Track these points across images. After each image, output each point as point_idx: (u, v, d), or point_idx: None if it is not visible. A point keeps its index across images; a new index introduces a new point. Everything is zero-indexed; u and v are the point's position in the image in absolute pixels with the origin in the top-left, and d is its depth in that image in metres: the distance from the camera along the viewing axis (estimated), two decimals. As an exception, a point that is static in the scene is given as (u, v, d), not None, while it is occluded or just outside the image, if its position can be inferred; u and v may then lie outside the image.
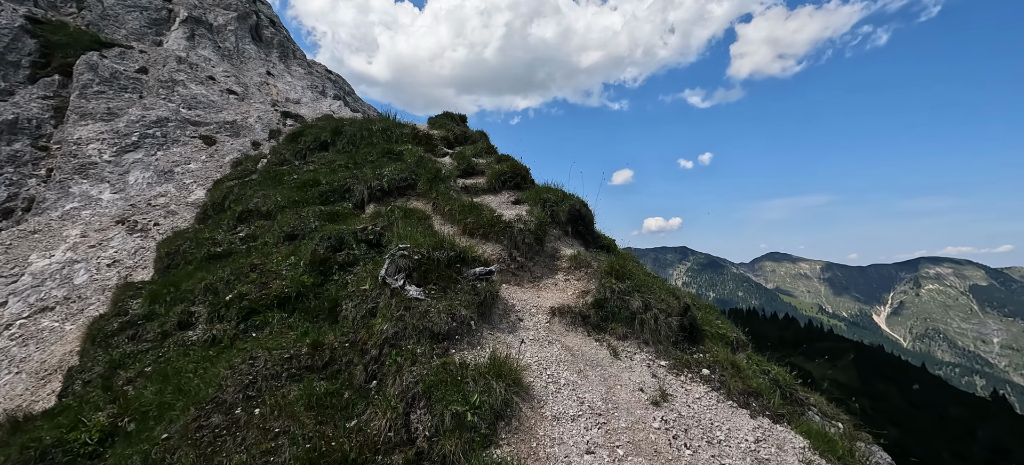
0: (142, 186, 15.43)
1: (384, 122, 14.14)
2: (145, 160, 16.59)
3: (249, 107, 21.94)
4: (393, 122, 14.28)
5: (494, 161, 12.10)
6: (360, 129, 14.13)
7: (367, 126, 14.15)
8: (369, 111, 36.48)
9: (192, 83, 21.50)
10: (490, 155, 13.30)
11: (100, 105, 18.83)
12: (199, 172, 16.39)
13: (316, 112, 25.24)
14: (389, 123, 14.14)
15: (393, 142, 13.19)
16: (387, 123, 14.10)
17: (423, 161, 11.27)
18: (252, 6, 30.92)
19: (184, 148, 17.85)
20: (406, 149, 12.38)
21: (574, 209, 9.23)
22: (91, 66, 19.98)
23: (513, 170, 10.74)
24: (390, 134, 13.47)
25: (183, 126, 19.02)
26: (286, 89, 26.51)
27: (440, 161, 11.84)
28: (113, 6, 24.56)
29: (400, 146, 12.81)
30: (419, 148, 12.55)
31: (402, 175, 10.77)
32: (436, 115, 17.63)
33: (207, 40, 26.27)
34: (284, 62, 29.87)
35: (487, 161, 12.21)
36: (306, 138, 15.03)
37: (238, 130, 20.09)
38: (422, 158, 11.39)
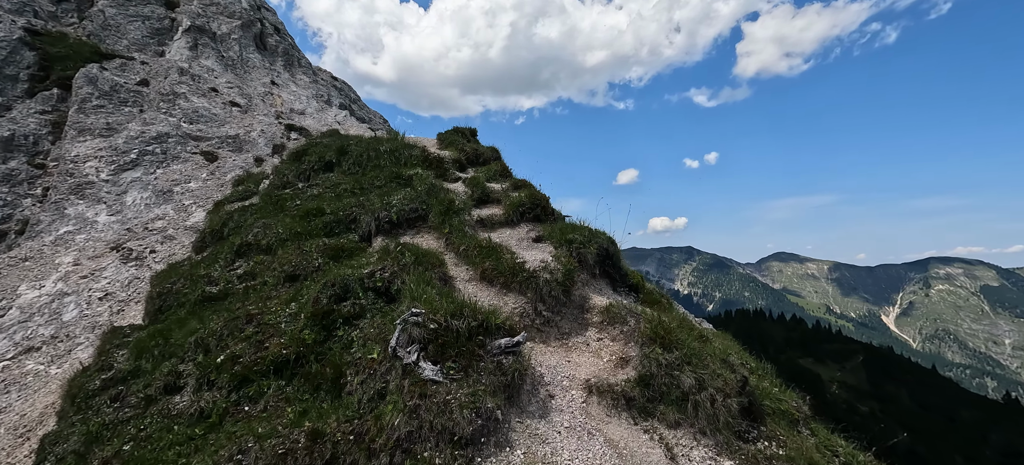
0: (140, 207, 14.76)
1: (392, 142, 13.37)
2: (144, 179, 15.93)
3: (252, 120, 21.27)
4: (402, 142, 13.49)
5: (510, 188, 11.27)
6: (367, 149, 13.37)
7: (374, 147, 13.38)
8: (375, 118, 35.83)
9: (194, 96, 20.85)
10: (505, 179, 12.48)
11: (99, 120, 18.22)
12: (199, 192, 15.70)
13: (321, 123, 24.56)
14: (398, 143, 13.35)
15: (402, 165, 12.41)
16: (395, 143, 13.32)
17: (434, 190, 10.46)
18: (256, 13, 30.32)
19: (184, 165, 17.18)
20: (416, 174, 11.59)
21: (603, 249, 8.38)
22: (90, 79, 19.38)
23: (532, 200, 9.91)
24: (399, 156, 12.69)
25: (184, 142, 18.36)
26: (291, 99, 25.84)
27: (452, 189, 11.03)
28: (114, 16, 24.00)
29: (409, 170, 12.02)
30: (429, 173, 11.75)
31: (412, 206, 9.97)
32: (446, 131, 16.84)
33: (210, 50, 25.65)
34: (289, 70, 29.23)
35: (503, 187, 11.38)
36: (310, 157, 14.29)
37: (240, 145, 19.41)
38: (433, 186, 10.58)
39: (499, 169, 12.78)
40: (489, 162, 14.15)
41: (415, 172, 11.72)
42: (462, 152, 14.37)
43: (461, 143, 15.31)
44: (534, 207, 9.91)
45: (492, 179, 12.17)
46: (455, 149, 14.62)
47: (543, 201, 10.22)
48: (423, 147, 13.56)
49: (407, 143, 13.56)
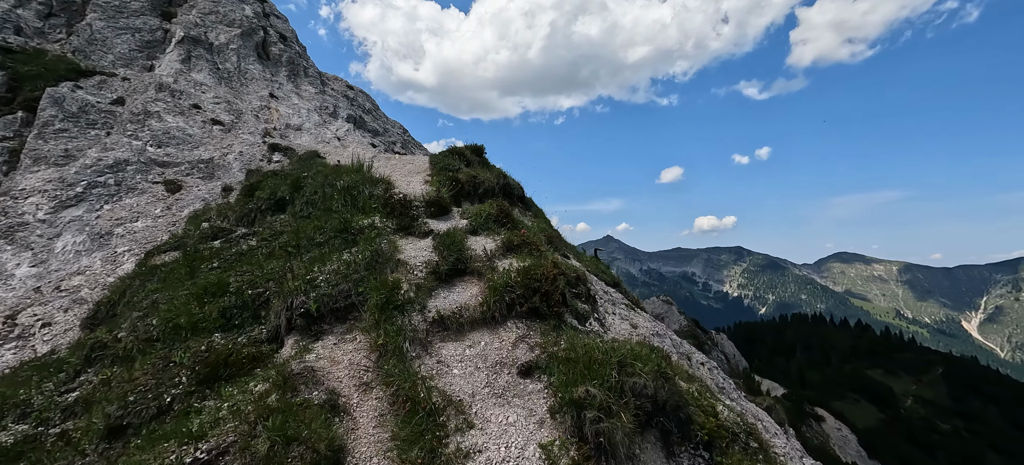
0: (68, 255, 12.08)
1: (351, 176, 9.85)
2: (84, 218, 13.32)
3: (234, 140, 18.57)
4: (362, 176, 9.95)
5: (502, 247, 7.37)
6: (322, 185, 9.94)
7: (331, 182, 9.93)
8: (392, 129, 32.92)
9: (170, 114, 18.40)
10: (501, 225, 8.59)
11: (58, 146, 15.97)
12: (143, 234, 12.89)
13: (317, 139, 21.68)
14: (357, 178, 9.82)
15: (357, 209, 8.83)
16: (354, 178, 9.79)
17: (379, 259, 6.76)
18: (261, 21, 28.10)
19: (138, 199, 14.52)
20: (368, 226, 7.94)
21: (652, 398, 4.33)
22: (56, 100, 17.27)
23: (530, 278, 5.96)
24: (355, 196, 9.14)
25: (146, 169, 15.78)
26: (288, 113, 23.16)
27: (409, 256, 7.25)
28: (102, 30, 22.18)
29: (363, 218, 8.40)
30: (388, 223, 8.09)
31: (340, 288, 6.31)
32: (443, 152, 13.20)
33: (204, 62, 23.42)
34: (293, 81, 26.73)
35: (494, 245, 7.51)
36: (262, 193, 11.06)
37: (213, 170, 16.66)
38: (379, 253, 6.86)
39: (496, 211, 8.92)
40: (487, 195, 10.33)
41: (368, 222, 8.08)
42: (452, 183, 10.62)
43: (454, 168, 11.58)
44: (532, 291, 5.97)
45: (482, 228, 8.35)
46: (444, 178, 10.90)
47: (549, 275, 6.25)
48: (387, 183, 9.90)
49: (370, 178, 9.97)
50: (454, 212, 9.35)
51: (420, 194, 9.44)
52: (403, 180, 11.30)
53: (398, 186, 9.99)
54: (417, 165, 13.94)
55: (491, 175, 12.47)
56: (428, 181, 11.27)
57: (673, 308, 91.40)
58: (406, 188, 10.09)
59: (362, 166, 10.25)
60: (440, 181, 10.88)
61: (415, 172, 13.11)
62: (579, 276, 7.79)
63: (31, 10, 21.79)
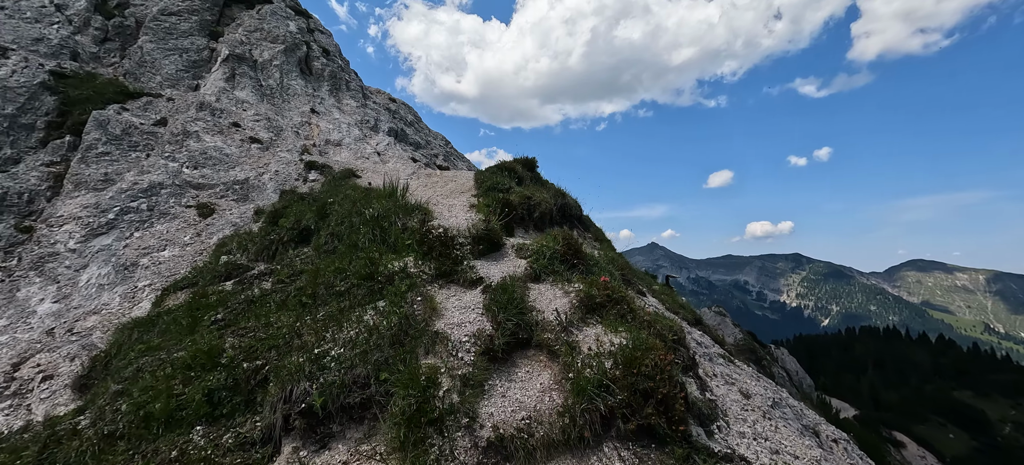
0: (91, 290, 11.20)
1: (382, 203, 8.13)
2: (113, 247, 12.52)
3: (271, 158, 17.67)
4: (395, 203, 8.19)
5: (580, 304, 5.28)
6: (349, 214, 8.31)
7: (360, 209, 8.23)
8: (434, 141, 31.75)
9: (208, 134, 17.78)
10: (572, 267, 6.49)
11: (99, 170, 15.56)
12: (168, 265, 11.86)
13: (357, 155, 20.55)
14: (389, 205, 8.07)
15: (387, 245, 7.05)
16: (385, 205, 8.05)
17: (409, 329, 4.84)
18: (305, 36, 27.77)
19: (170, 224, 13.66)
20: (398, 271, 6.09)
21: None
22: (100, 123, 17.02)
23: (650, 375, 3.82)
24: (386, 229, 7.38)
25: (180, 192, 15.01)
26: (329, 129, 22.28)
27: (452, 322, 5.25)
28: (152, 51, 22.27)
29: (395, 259, 6.58)
30: (425, 267, 6.19)
31: (357, 372, 4.47)
32: (490, 167, 11.36)
33: (247, 79, 23.05)
34: (335, 95, 26.03)
35: (568, 300, 5.44)
36: (285, 222, 9.62)
37: (247, 191, 15.71)
38: (408, 320, 4.96)
39: (562, 247, 6.83)
40: (544, 220, 8.30)
41: (400, 265, 6.24)
42: (502, 207, 8.66)
43: (504, 187, 9.65)
44: (642, 396, 3.81)
45: (545, 271, 6.32)
46: (492, 201, 8.97)
47: (662, 365, 4.06)
48: (425, 212, 8.05)
49: (403, 205, 8.14)
50: (507, 247, 7.36)
51: (464, 226, 7.51)
52: (444, 203, 9.47)
53: (438, 214, 8.16)
54: (460, 183, 12.13)
55: (547, 195, 10.42)
56: (473, 205, 9.37)
57: (727, 320, 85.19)
58: (447, 215, 8.23)
59: (395, 190, 8.50)
60: (488, 205, 8.95)
61: (458, 192, 11.28)
62: (679, 338, 5.56)
63: (88, 36, 22.22)
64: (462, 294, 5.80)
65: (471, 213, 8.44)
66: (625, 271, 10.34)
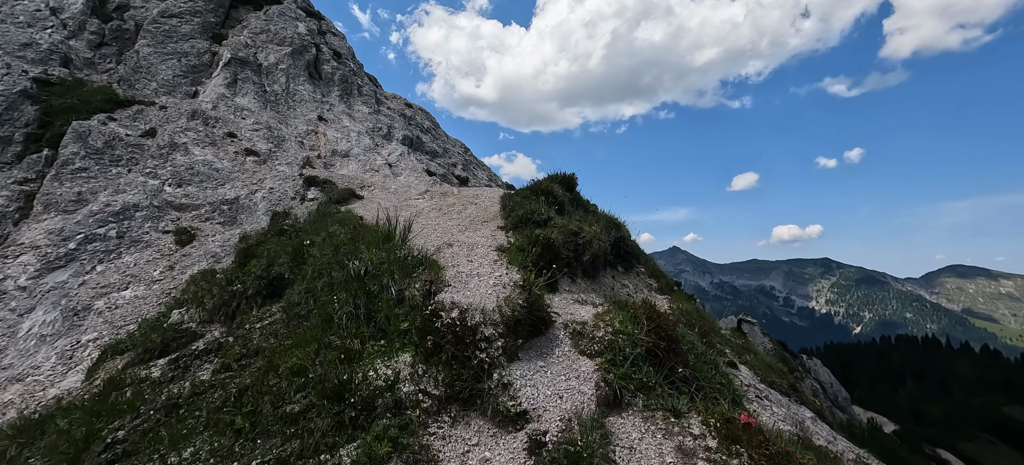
0: (30, 343, 9.11)
1: (374, 254, 5.63)
2: (67, 285, 10.47)
3: (267, 173, 15.56)
4: (391, 255, 5.65)
5: None
6: (330, 263, 5.83)
7: (343, 258, 5.76)
8: (452, 149, 29.46)
9: (199, 146, 15.78)
10: (671, 377, 3.85)
11: (72, 189, 13.68)
12: (126, 311, 9.71)
13: (366, 167, 18.32)
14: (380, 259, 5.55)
15: (374, 325, 4.56)
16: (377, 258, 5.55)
17: None
18: (315, 39, 25.86)
19: (140, 255, 11.58)
20: (384, 387, 3.59)
21: None
22: (80, 135, 15.20)
23: None
24: (374, 295, 4.88)
25: (159, 214, 12.97)
26: (337, 138, 20.16)
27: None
28: (148, 56, 20.57)
29: (381, 361, 4.09)
30: (429, 379, 3.72)
31: None
32: (521, 190, 8.83)
33: (251, 84, 21.16)
34: (345, 101, 23.98)
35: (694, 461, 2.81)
36: (255, 267, 7.28)
37: (236, 213, 13.58)
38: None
39: (652, 334, 4.22)
40: (596, 264, 5.75)
41: (387, 373, 3.77)
42: (541, 250, 6.10)
43: (540, 218, 7.14)
44: None
45: (634, 383, 3.71)
46: (527, 241, 6.44)
47: None
48: (432, 267, 5.51)
49: (400, 260, 5.56)
50: (557, 327, 4.79)
51: (491, 296, 4.93)
52: (460, 242, 6.97)
53: (450, 265, 5.68)
54: (482, 207, 9.63)
55: (597, 227, 7.85)
56: (501, 247, 6.83)
57: (756, 328, 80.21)
58: (465, 265, 5.72)
59: (392, 233, 6.03)
60: (521, 248, 6.40)
61: (479, 221, 8.77)
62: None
63: (83, 41, 20.68)
64: (492, 445, 3.28)
65: (499, 265, 5.92)
66: (703, 325, 7.65)
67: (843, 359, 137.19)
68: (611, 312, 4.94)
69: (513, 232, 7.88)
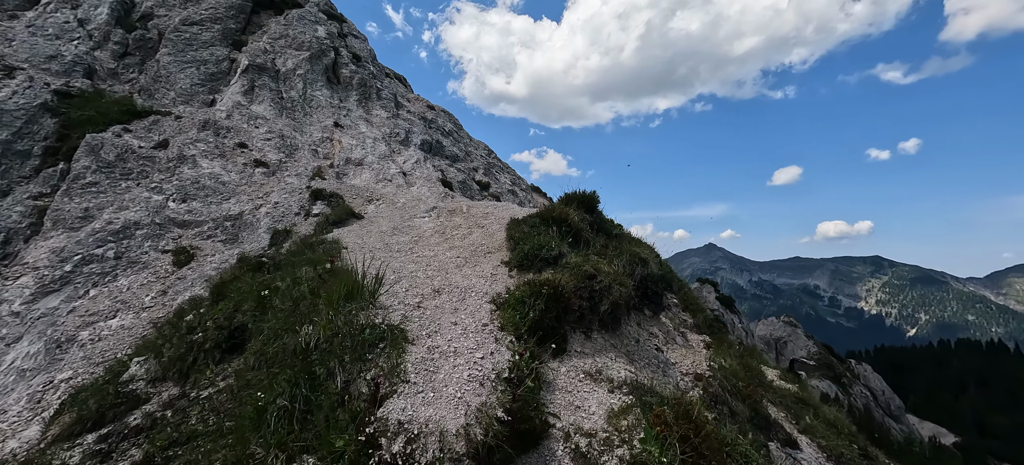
0: (9, 379, 8.62)
1: (329, 319, 4.47)
2: (58, 311, 10.00)
3: (275, 186, 14.91)
4: (348, 323, 4.45)
5: None
6: (283, 326, 4.71)
7: (296, 321, 4.64)
8: (474, 152, 28.39)
9: (207, 158, 15.32)
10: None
11: (80, 205, 13.42)
12: (109, 343, 9.09)
13: (380, 176, 17.46)
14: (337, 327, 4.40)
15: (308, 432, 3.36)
16: (330, 326, 4.38)
17: None
18: (335, 42, 25.32)
19: (135, 277, 11.04)
20: None
21: None
22: (92, 148, 15.01)
23: None
24: (317, 379, 3.70)
25: (160, 232, 12.47)
26: (351, 145, 19.44)
27: None
28: (168, 65, 20.48)
29: None
30: None
31: None
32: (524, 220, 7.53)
33: (267, 91, 20.75)
34: (363, 106, 23.29)
35: None
36: (219, 311, 6.32)
37: (238, 230, 12.94)
38: None
39: (679, 450, 2.89)
40: (622, 312, 4.50)
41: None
42: (549, 299, 4.81)
43: (550, 252, 5.87)
44: None
45: None
46: (530, 295, 5.16)
47: None
48: (397, 339, 4.24)
49: (361, 332, 4.34)
50: (556, 444, 3.44)
51: (464, 399, 3.63)
52: (449, 298, 5.74)
53: (421, 346, 4.40)
54: (488, 236, 8.40)
55: (619, 263, 6.49)
56: (498, 298, 5.58)
57: (798, 330, 75.12)
58: (441, 351, 4.44)
59: (361, 288, 4.80)
60: (522, 303, 5.12)
61: (482, 253, 7.55)
62: None
63: (107, 51, 20.81)
64: None
65: (488, 334, 4.65)
66: (750, 384, 6.16)
67: (896, 364, 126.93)
68: (631, 413, 3.62)
69: (517, 271, 6.61)
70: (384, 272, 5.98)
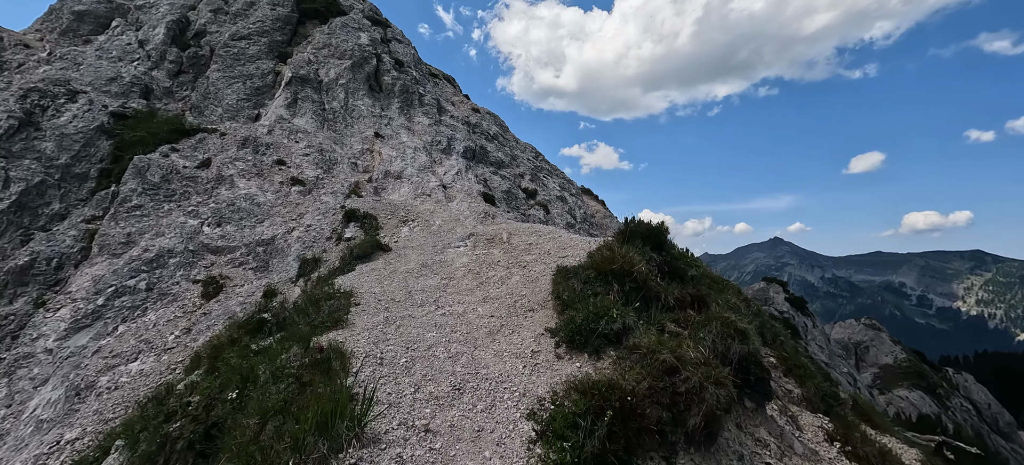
0: (28, 429, 8.20)
1: (307, 446, 3.08)
2: (85, 350, 9.62)
3: (310, 205, 14.18)
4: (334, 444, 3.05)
5: None
6: (249, 447, 3.34)
7: (261, 449, 3.28)
8: (520, 155, 26.83)
9: (244, 177, 14.89)
10: None
11: (123, 230, 13.35)
12: (125, 392, 8.47)
13: (418, 191, 16.35)
14: None
15: None
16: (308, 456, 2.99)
17: None
18: (377, 48, 24.69)
19: (164, 311, 10.53)
20: None
21: None
22: (139, 170, 15.04)
23: None
24: None
25: (193, 260, 12.01)
26: (391, 156, 18.53)
27: None
28: (217, 81, 20.64)
29: None
30: None
31: None
32: (575, 271, 5.81)
33: (310, 103, 20.37)
34: (405, 113, 22.43)
35: None
36: (202, 393, 5.25)
37: (269, 256, 12.23)
38: None
39: None
40: (718, 418, 2.48)
41: None
42: (604, 423, 3.13)
43: (610, 325, 4.23)
44: None
45: None
46: (578, 403, 3.48)
47: None
48: None
49: None
50: None
51: None
52: (471, 400, 4.22)
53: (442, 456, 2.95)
54: (530, 281, 6.81)
55: (708, 342, 4.63)
56: (537, 411, 3.98)
57: (883, 334, 66.28)
58: (469, 440, 2.99)
59: (345, 411, 3.48)
60: (574, 428, 3.47)
61: (522, 311, 5.99)
62: None
63: (163, 70, 21.34)
64: None
65: (532, 439, 3.13)
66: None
67: (1003, 372, 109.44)
68: None
69: (566, 347, 4.97)
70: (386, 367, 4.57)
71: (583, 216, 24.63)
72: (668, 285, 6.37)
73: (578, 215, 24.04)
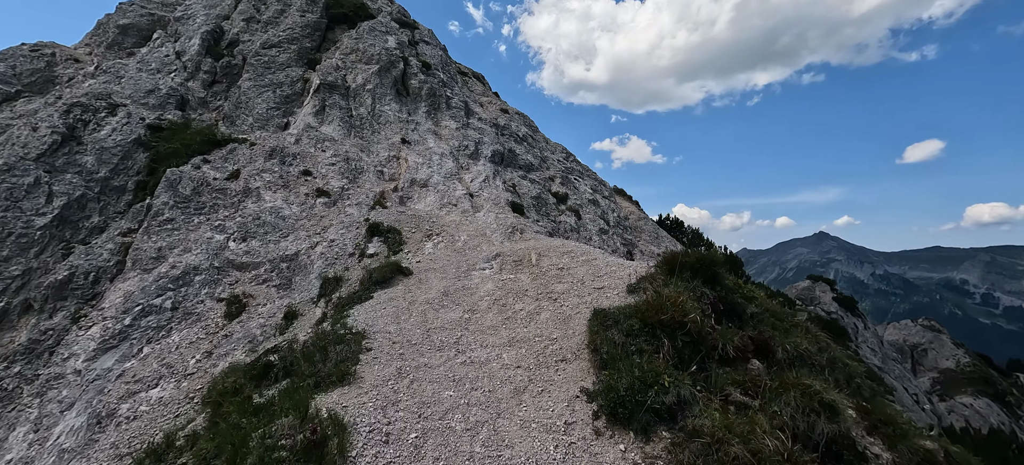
0: (51, 457, 8.08)
1: None
2: (111, 374, 9.52)
3: (334, 218, 13.83)
4: None
5: None
6: None
7: None
8: (550, 156, 25.87)
9: (270, 190, 14.72)
10: None
11: (155, 245, 13.41)
12: (142, 423, 8.25)
13: (444, 200, 15.76)
14: None
15: None
16: None
17: None
18: (405, 51, 24.31)
19: (187, 332, 10.36)
20: None
21: None
22: (171, 183, 15.15)
23: None
24: None
25: (218, 277, 11.85)
26: (418, 163, 18.05)
27: None
28: (248, 90, 20.76)
29: None
30: None
31: None
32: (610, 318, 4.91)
33: (337, 110, 20.18)
34: (432, 117, 21.93)
35: None
36: (200, 456, 4.68)
37: (292, 273, 11.92)
38: None
39: None
40: None
41: None
42: None
43: (658, 399, 3.28)
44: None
45: None
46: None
47: None
48: None
49: None
50: None
51: None
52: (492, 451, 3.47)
53: None
54: (562, 323, 6.01)
55: (782, 418, 3.61)
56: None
57: (943, 336, 60.69)
58: None
59: None
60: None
61: (553, 361, 5.24)
62: None
63: (198, 81, 21.68)
64: None
65: None
66: None
67: None
68: None
69: (607, 420, 4.13)
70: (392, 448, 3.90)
71: (616, 220, 23.47)
72: (725, 330, 5.40)
73: (611, 219, 22.91)
